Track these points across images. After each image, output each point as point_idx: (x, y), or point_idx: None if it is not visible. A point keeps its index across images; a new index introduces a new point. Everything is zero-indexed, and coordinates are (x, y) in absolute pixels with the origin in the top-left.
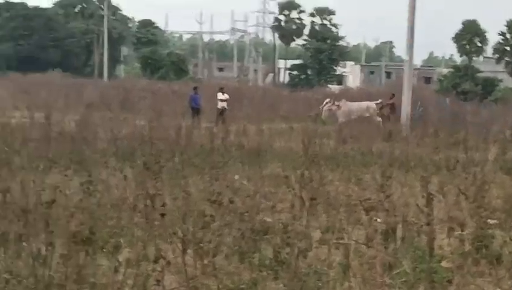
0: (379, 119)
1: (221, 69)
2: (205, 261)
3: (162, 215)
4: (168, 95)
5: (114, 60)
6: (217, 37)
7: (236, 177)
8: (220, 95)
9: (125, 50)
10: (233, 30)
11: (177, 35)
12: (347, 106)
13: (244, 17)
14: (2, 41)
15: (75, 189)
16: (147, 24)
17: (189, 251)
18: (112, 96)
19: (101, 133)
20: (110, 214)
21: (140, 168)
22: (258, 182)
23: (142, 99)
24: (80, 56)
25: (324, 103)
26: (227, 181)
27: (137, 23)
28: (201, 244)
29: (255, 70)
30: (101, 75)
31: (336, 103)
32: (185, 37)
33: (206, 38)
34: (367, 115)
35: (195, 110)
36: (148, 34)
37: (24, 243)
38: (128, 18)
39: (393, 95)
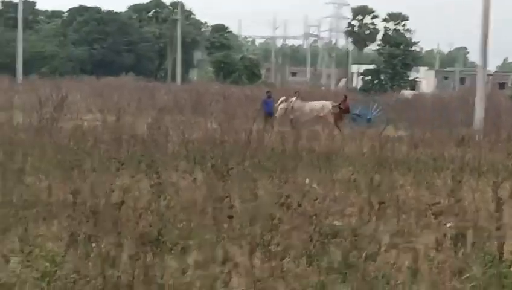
0: (331, 120)
1: (294, 74)
2: (273, 264)
3: (230, 217)
4: (241, 99)
5: (187, 65)
6: (290, 42)
7: (307, 181)
8: (293, 100)
9: (198, 54)
10: (307, 35)
11: (250, 39)
12: (300, 105)
13: (317, 22)
14: (77, 45)
15: (145, 191)
16: (220, 29)
17: (257, 253)
18: (185, 100)
19: (172, 136)
20: (179, 216)
21: (210, 171)
22: (328, 185)
23: (214, 103)
24: (153, 60)
25: (279, 101)
26: (296, 185)
27: (210, 28)
28: (269, 247)
29: (328, 75)
30: (174, 79)
31: (290, 100)
32: (258, 41)
33: (279, 43)
34: (321, 114)
35: (268, 114)
36: (221, 38)
37: (93, 244)
38: (202, 23)
39: (346, 97)
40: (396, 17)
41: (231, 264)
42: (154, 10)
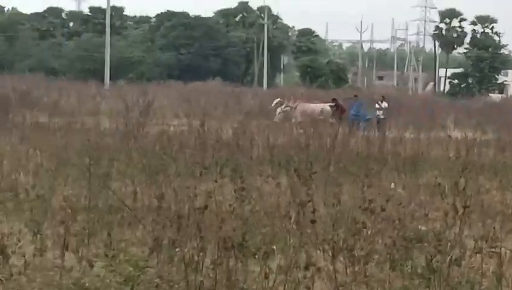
0: (332, 121)
1: (380, 78)
2: (356, 268)
3: (313, 222)
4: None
5: (274, 69)
6: (377, 46)
7: (392, 185)
8: (378, 104)
9: (285, 59)
10: (394, 39)
11: (337, 43)
12: (302, 107)
13: (404, 26)
14: (164, 50)
15: (229, 196)
16: (306, 33)
17: (340, 258)
18: (270, 105)
19: (257, 141)
20: (263, 221)
21: (294, 176)
22: (413, 190)
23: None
24: (239, 65)
25: (274, 103)
26: (381, 189)
27: (297, 32)
28: (352, 252)
29: (415, 79)
30: (260, 83)
31: (291, 104)
32: (345, 45)
33: (366, 47)
34: (321, 117)
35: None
36: (308, 42)
37: (177, 249)
38: (289, 27)
39: (335, 99)
40: (484, 20)
41: (314, 269)
42: (241, 15)
